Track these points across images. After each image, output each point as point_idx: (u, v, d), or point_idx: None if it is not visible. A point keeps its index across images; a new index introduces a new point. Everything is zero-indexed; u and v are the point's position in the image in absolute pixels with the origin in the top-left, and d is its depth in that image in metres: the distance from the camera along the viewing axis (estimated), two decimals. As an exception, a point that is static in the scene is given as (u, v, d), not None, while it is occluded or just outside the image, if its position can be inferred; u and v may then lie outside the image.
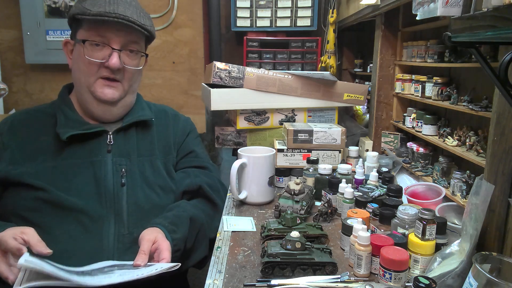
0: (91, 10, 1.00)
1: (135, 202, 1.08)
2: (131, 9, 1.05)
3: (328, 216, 1.15)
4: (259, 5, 2.31)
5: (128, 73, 1.10)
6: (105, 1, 1.02)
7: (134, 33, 1.07)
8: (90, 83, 1.07)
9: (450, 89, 1.26)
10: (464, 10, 0.78)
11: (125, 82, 1.11)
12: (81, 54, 1.05)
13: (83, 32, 1.05)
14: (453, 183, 1.14)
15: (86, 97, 1.09)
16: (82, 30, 1.06)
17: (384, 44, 1.64)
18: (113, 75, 1.07)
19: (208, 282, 0.85)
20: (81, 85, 1.08)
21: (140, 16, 1.07)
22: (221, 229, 1.10)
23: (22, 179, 1.02)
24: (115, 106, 1.12)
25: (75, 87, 1.12)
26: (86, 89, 1.08)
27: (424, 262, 0.85)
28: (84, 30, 1.05)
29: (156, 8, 2.32)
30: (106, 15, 1.00)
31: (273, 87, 1.50)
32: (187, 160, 1.26)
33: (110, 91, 1.08)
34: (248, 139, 1.58)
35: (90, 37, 1.04)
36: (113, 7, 1.02)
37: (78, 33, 1.06)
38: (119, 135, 1.13)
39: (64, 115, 1.09)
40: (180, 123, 1.30)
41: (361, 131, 1.77)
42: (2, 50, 2.39)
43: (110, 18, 1.01)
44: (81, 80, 1.08)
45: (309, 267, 0.87)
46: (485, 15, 0.58)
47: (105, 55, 1.05)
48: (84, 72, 1.06)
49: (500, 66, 0.65)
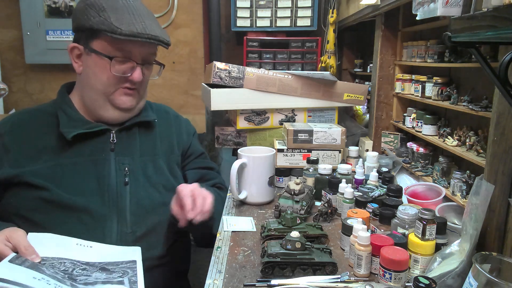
0: (122, 29, 0.99)
1: (138, 201, 1.09)
2: (153, 24, 1.06)
3: (328, 216, 1.15)
4: (259, 5, 2.31)
5: (144, 82, 1.14)
6: (131, 17, 1.02)
7: (154, 47, 1.11)
8: (109, 92, 1.08)
9: (450, 89, 1.26)
10: (464, 10, 0.78)
11: (141, 90, 1.14)
12: (104, 67, 1.05)
13: (102, 44, 1.04)
14: (453, 183, 1.14)
15: (101, 103, 1.09)
16: (101, 41, 1.04)
17: (384, 44, 1.64)
18: (134, 86, 1.10)
19: (208, 282, 0.85)
20: (97, 92, 1.08)
21: (162, 31, 1.09)
22: (221, 229, 1.10)
23: (23, 179, 1.02)
24: (130, 112, 1.14)
25: (86, 92, 1.11)
26: (103, 97, 1.08)
27: (424, 262, 0.85)
28: (106, 43, 1.04)
29: (156, 8, 2.32)
30: (140, 36, 1.01)
31: (273, 87, 1.50)
32: (198, 161, 1.31)
33: (129, 99, 1.11)
34: (248, 139, 1.58)
35: (117, 53, 1.04)
36: (142, 25, 1.02)
37: (93, 42, 1.05)
38: (122, 134, 1.13)
39: (66, 115, 1.09)
40: (182, 124, 1.32)
41: (361, 131, 1.77)
42: (2, 50, 2.39)
43: (143, 39, 1.02)
44: (99, 88, 1.07)
45: (309, 267, 0.87)
46: (485, 15, 0.58)
47: (128, 68, 1.07)
48: (105, 82, 1.07)
49: (500, 66, 0.65)
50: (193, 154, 1.30)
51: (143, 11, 1.07)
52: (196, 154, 1.31)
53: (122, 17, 1.01)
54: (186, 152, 1.28)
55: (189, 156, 1.29)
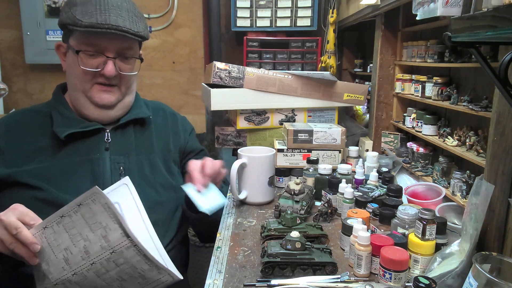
0: (82, 21, 0.98)
1: None
2: (123, 14, 1.03)
3: (328, 216, 1.15)
4: (259, 5, 2.31)
5: (124, 78, 1.11)
6: (96, 9, 1.00)
7: (128, 40, 1.07)
8: (86, 89, 1.07)
9: (450, 89, 1.26)
10: (464, 10, 0.78)
11: (122, 86, 1.11)
12: (75, 62, 1.04)
13: (75, 40, 1.04)
14: (453, 183, 1.14)
15: (83, 101, 1.08)
16: (73, 38, 1.05)
17: (384, 44, 1.64)
18: (108, 81, 1.08)
19: (208, 282, 0.85)
20: (76, 89, 1.08)
21: (133, 22, 1.05)
22: (221, 228, 1.10)
23: (18, 179, 1.01)
24: (112, 109, 1.11)
25: (70, 91, 1.11)
26: (82, 94, 1.08)
27: (424, 262, 0.85)
28: (76, 38, 1.04)
29: (156, 8, 2.32)
30: (98, 26, 0.99)
31: (273, 87, 1.50)
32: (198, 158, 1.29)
33: (107, 95, 1.09)
34: (248, 139, 1.58)
35: (83, 47, 1.03)
36: (105, 16, 1.00)
37: (70, 39, 1.06)
38: (116, 133, 1.13)
39: (60, 114, 1.09)
40: (179, 121, 1.31)
41: (361, 131, 1.77)
42: (2, 50, 2.39)
43: (103, 30, 0.99)
44: (76, 85, 1.07)
45: (309, 267, 0.87)
46: (485, 15, 0.58)
47: (100, 63, 1.05)
48: (79, 78, 1.06)
49: (500, 66, 0.65)
50: (193, 152, 1.30)
51: (115, 2, 1.03)
52: (196, 151, 1.31)
53: (86, 9, 1.00)
54: (184, 150, 1.28)
55: (189, 154, 1.29)
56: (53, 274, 0.81)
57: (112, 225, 0.79)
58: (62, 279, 0.80)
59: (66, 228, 0.81)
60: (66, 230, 0.81)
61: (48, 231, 0.82)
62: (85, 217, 0.81)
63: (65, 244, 0.81)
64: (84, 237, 0.80)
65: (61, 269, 0.80)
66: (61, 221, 0.81)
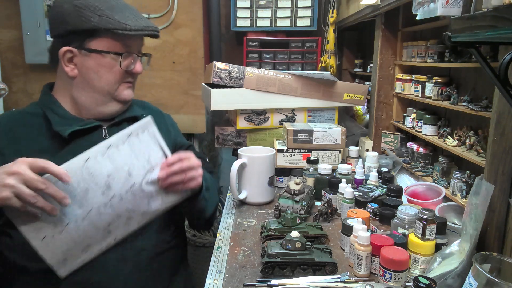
0: (130, 25, 1.04)
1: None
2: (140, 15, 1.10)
3: (328, 216, 1.15)
4: (259, 5, 2.31)
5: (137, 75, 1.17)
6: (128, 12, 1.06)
7: (143, 38, 1.15)
8: (114, 89, 1.11)
9: (450, 89, 1.26)
10: (464, 10, 0.78)
11: (135, 81, 1.18)
12: (112, 65, 1.08)
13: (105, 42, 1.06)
14: (453, 183, 1.14)
15: (105, 100, 1.11)
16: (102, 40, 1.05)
17: (384, 44, 1.64)
18: (133, 79, 1.14)
19: (208, 282, 0.85)
20: (101, 92, 1.10)
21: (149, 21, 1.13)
22: (221, 228, 1.10)
23: None
24: (128, 104, 1.17)
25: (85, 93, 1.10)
26: (107, 95, 1.11)
27: (424, 262, 0.85)
28: (110, 41, 1.06)
29: (156, 8, 2.32)
30: (146, 29, 1.06)
31: (273, 87, 1.50)
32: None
33: (130, 91, 1.15)
34: (248, 139, 1.58)
35: (120, 48, 1.07)
36: (143, 20, 1.08)
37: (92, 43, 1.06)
38: (113, 130, 1.13)
39: (56, 114, 1.08)
40: (166, 118, 1.34)
41: (361, 131, 1.77)
42: (2, 50, 2.39)
43: (149, 32, 1.08)
44: (104, 88, 1.09)
45: (309, 267, 0.87)
46: (485, 15, 0.58)
47: (130, 62, 1.10)
48: (109, 81, 1.09)
49: (500, 66, 0.65)
50: (183, 146, 1.32)
51: (133, 7, 1.12)
52: (185, 146, 1.33)
53: (122, 14, 1.05)
54: (176, 145, 1.30)
55: (179, 148, 1.31)
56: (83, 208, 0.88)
57: (155, 149, 0.95)
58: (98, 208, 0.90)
59: (110, 158, 0.90)
60: (110, 159, 0.90)
61: (91, 162, 0.89)
62: (132, 146, 0.93)
63: (109, 172, 0.90)
64: (129, 163, 0.92)
65: (101, 195, 0.90)
66: (106, 151, 0.91)
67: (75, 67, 1.07)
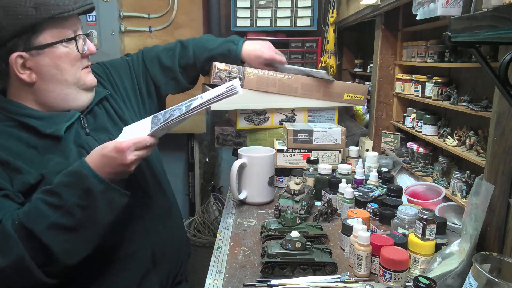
0: (71, 4, 0.96)
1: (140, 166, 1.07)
2: None
3: (328, 216, 1.15)
4: (259, 5, 2.31)
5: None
6: None
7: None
8: (78, 78, 1.05)
9: (450, 89, 1.26)
10: (464, 10, 0.78)
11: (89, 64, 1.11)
12: (68, 53, 1.01)
13: (52, 33, 0.98)
14: (453, 183, 1.14)
15: (71, 92, 1.04)
16: (48, 32, 0.97)
17: (384, 44, 1.64)
18: (88, 61, 1.08)
19: (208, 282, 0.85)
20: (68, 85, 1.04)
21: None
22: (221, 228, 1.10)
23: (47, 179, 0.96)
24: (94, 89, 1.12)
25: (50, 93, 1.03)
26: (73, 86, 1.04)
27: (424, 262, 0.85)
28: (56, 29, 0.98)
29: (156, 8, 2.32)
30: (86, 2, 1.00)
31: (273, 87, 1.50)
32: (156, 72, 1.35)
33: (92, 76, 1.09)
34: (248, 139, 1.58)
35: (66, 34, 1.00)
36: None
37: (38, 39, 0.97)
38: (88, 117, 1.11)
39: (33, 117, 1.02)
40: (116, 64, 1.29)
41: (361, 131, 1.76)
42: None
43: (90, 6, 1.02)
44: (68, 80, 1.03)
45: (309, 267, 0.87)
46: (485, 15, 0.58)
47: (82, 44, 1.04)
48: (70, 71, 1.03)
49: (500, 66, 0.65)
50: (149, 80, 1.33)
51: None
52: (149, 78, 1.33)
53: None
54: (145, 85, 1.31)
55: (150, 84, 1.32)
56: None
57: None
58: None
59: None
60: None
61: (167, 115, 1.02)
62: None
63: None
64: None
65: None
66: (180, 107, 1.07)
67: (31, 71, 0.98)
